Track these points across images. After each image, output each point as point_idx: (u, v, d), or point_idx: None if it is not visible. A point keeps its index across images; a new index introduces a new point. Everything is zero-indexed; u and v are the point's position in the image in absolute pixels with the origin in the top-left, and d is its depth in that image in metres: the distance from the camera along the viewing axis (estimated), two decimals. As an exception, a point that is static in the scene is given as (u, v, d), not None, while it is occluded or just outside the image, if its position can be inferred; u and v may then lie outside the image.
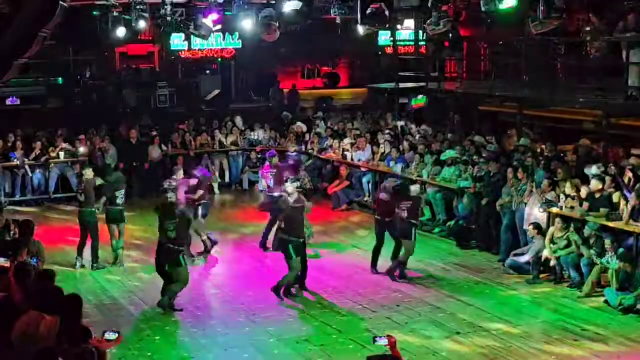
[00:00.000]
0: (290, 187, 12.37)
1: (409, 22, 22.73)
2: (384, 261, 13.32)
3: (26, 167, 18.60)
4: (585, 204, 12.57)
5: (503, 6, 14.38)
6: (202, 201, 14.42)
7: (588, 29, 16.12)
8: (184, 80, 25.24)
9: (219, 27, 17.63)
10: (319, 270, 13.24)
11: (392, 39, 23.94)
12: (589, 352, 10.06)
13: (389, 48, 25.99)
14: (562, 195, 13.02)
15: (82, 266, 13.72)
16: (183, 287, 11.69)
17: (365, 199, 18.25)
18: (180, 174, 14.35)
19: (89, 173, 13.98)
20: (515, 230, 13.78)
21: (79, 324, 6.82)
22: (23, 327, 6.48)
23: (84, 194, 13.72)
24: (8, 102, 21.94)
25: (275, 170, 14.95)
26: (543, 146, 16.01)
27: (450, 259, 14.04)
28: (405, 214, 12.87)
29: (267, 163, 15.92)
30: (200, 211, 14.36)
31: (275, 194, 14.16)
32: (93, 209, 13.76)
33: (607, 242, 11.84)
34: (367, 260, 13.59)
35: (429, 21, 16.96)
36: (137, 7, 15.63)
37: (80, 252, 13.82)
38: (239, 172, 20.79)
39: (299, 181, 13.82)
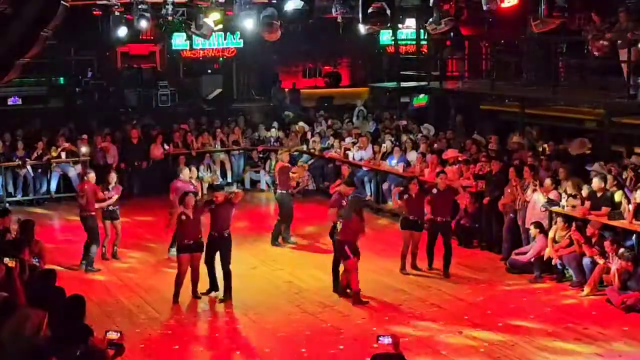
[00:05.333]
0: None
1: (411, 22, 22.76)
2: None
3: (28, 167, 18.61)
4: (587, 203, 12.57)
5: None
6: None
7: (589, 28, 16.17)
8: (185, 79, 25.26)
9: (220, 26, 17.64)
10: (321, 269, 13.22)
11: (393, 38, 23.96)
12: (592, 352, 10.04)
13: (390, 47, 25.99)
14: (564, 195, 13.01)
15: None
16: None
17: (366, 198, 18.24)
18: (186, 173, 14.41)
19: (91, 176, 13.96)
20: (518, 230, 13.77)
21: (82, 324, 6.82)
22: (12, 325, 6.46)
23: (85, 197, 13.62)
24: (10, 102, 21.96)
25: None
26: (545, 145, 16.01)
27: (452, 258, 14.01)
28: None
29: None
30: None
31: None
32: (93, 213, 13.66)
33: (609, 241, 11.84)
34: (368, 258, 13.57)
35: (430, 20, 16.94)
36: (139, 6, 15.63)
37: (85, 254, 13.77)
38: (241, 171, 20.79)
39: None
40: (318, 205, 14.03)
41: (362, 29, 16.73)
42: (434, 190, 13.38)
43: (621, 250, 11.62)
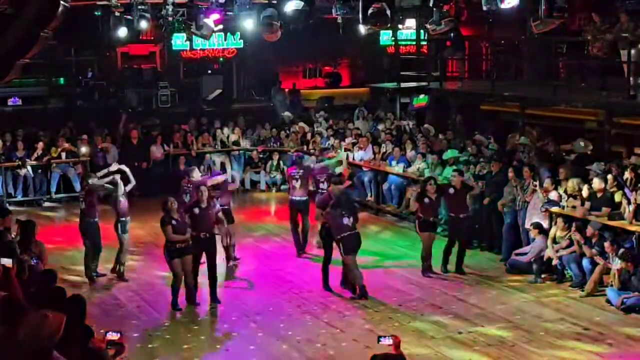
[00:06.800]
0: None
1: (411, 22, 22.75)
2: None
3: (28, 167, 18.61)
4: (587, 204, 12.56)
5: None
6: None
7: (589, 28, 16.18)
8: (185, 80, 25.25)
9: (220, 27, 17.65)
10: (321, 270, 13.20)
11: (393, 38, 23.96)
12: (591, 352, 10.05)
13: (390, 48, 26.00)
14: (564, 195, 13.01)
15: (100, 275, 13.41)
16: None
17: (367, 198, 18.24)
18: (196, 173, 14.19)
19: (91, 180, 13.86)
20: (518, 230, 13.77)
21: (82, 325, 6.81)
22: (29, 327, 6.44)
23: (85, 201, 13.31)
24: (10, 102, 21.95)
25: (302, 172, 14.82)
26: (545, 146, 15.99)
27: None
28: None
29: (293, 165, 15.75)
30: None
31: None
32: (96, 219, 13.30)
33: (609, 242, 11.84)
34: (368, 259, 13.57)
35: (430, 21, 16.98)
36: (139, 7, 15.65)
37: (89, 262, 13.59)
38: (241, 172, 20.78)
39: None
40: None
41: (363, 29, 16.78)
42: (451, 190, 13.50)
43: (621, 250, 11.63)
